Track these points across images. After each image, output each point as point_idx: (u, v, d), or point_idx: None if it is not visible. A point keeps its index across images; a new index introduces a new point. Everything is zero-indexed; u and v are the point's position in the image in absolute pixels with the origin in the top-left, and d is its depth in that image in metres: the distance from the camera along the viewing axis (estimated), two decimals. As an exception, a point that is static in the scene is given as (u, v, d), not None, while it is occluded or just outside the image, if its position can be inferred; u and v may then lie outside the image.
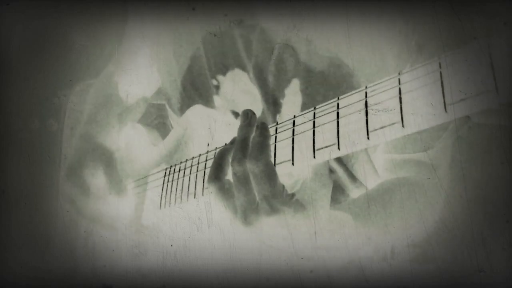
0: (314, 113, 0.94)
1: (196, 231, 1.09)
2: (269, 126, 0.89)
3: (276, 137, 0.95)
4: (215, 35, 1.07)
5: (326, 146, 0.88)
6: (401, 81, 0.97)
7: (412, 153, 0.95)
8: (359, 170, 0.97)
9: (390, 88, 0.96)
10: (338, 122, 0.86)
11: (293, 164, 0.98)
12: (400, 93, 0.94)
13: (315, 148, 0.89)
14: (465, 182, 0.93)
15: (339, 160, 0.98)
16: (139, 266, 1.13)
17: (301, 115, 0.90)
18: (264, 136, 0.84)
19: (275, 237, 0.98)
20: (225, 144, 0.96)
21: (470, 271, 0.95)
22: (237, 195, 0.83)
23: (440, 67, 0.85)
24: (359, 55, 0.97)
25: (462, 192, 0.93)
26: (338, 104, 0.85)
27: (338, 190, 0.99)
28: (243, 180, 0.81)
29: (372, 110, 0.95)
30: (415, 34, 0.94)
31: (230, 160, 0.85)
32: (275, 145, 0.96)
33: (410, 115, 0.95)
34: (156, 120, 1.13)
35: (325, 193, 0.89)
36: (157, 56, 1.11)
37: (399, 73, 0.94)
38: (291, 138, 0.91)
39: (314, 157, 0.90)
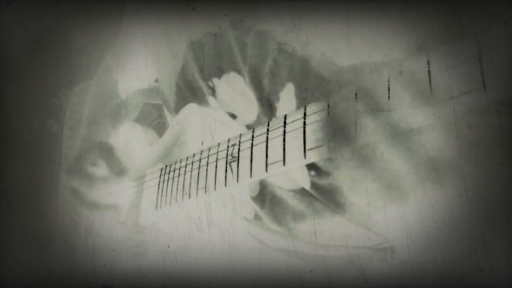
0: (305, 112, 0.95)
1: (196, 231, 1.09)
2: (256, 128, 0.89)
3: (267, 137, 0.95)
4: (215, 35, 1.07)
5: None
6: (401, 82, 0.97)
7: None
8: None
9: (390, 89, 0.96)
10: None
11: (284, 164, 0.99)
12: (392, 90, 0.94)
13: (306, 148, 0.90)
14: (465, 182, 0.93)
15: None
16: (139, 266, 1.13)
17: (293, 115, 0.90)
18: None
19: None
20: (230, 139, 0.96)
21: (470, 271, 0.95)
22: None
23: (428, 65, 0.85)
24: (359, 55, 0.97)
25: (462, 192, 0.93)
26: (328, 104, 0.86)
27: (336, 193, 0.99)
28: None
29: (372, 110, 0.95)
30: (414, 34, 0.94)
31: None
32: (267, 145, 0.97)
33: (409, 115, 0.95)
34: (156, 120, 1.13)
35: None
36: (157, 56, 1.12)
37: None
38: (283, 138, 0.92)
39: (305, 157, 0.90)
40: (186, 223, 1.10)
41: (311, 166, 0.99)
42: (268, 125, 0.99)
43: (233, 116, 1.05)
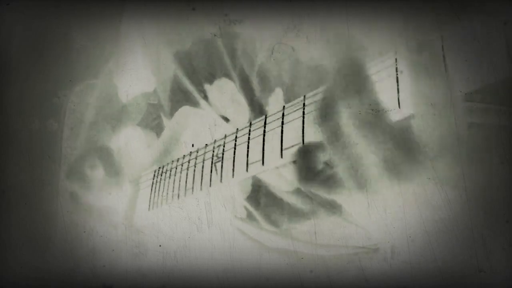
0: (283, 113, 0.96)
1: (196, 231, 1.09)
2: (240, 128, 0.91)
3: (249, 137, 0.96)
4: (215, 35, 1.07)
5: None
6: (401, 82, 0.97)
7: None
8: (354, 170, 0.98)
9: (390, 89, 0.96)
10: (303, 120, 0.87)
11: (263, 164, 0.99)
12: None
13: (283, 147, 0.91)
14: (465, 182, 0.93)
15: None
16: (139, 266, 1.13)
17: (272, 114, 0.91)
18: None
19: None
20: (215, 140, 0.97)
21: (470, 271, 0.95)
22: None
23: (397, 72, 0.85)
24: (359, 55, 0.97)
25: (462, 192, 0.93)
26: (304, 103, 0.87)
27: (337, 186, 0.99)
28: None
29: (372, 110, 0.95)
30: (415, 34, 0.94)
31: None
32: (248, 145, 0.97)
33: (410, 115, 0.95)
34: (155, 121, 1.13)
35: None
36: (157, 57, 1.12)
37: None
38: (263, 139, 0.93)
39: (282, 156, 0.91)
40: (186, 223, 1.10)
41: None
42: (250, 125, 1.01)
43: (226, 119, 1.05)
